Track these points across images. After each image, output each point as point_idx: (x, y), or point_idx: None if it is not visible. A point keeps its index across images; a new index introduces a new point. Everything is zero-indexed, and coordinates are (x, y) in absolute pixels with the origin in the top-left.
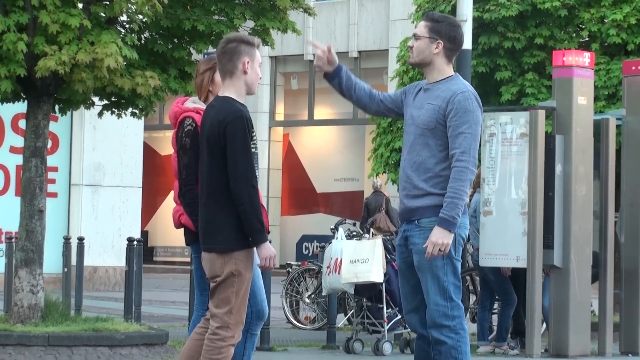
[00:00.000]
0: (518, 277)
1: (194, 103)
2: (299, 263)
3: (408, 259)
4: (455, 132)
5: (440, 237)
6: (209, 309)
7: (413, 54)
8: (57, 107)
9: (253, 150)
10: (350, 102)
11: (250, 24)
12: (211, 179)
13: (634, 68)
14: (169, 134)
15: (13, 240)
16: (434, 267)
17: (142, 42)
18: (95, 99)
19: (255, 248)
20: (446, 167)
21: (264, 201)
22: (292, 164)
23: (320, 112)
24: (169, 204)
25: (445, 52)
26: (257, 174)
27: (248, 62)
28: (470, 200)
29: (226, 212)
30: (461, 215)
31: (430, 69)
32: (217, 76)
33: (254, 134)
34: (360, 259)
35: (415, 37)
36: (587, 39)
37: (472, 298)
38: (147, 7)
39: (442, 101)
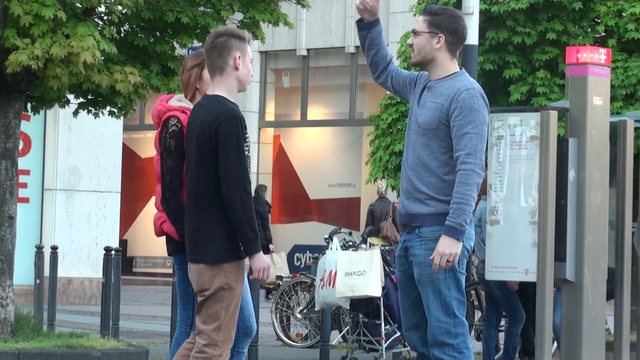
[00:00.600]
0: (526, 291)
1: (180, 101)
2: (290, 275)
3: (408, 272)
4: (460, 132)
5: (447, 247)
6: (196, 325)
7: (414, 52)
8: (29, 105)
9: (246, 153)
10: (366, 59)
11: (238, 16)
12: (200, 184)
13: None
14: (150, 134)
15: None
16: (435, 280)
17: (122, 35)
18: (71, 97)
19: (247, 259)
20: (449, 171)
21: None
22: (283, 168)
23: (314, 112)
24: (149, 211)
25: (448, 46)
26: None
27: (239, 57)
28: (475, 208)
29: (216, 220)
30: (469, 223)
31: (433, 66)
32: (206, 73)
33: (247, 135)
34: (356, 272)
35: (414, 33)
36: (603, 34)
37: (477, 314)
38: None
39: (445, 99)
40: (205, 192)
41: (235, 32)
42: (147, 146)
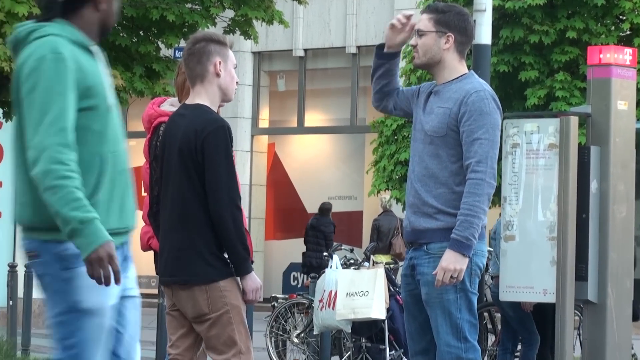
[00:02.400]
0: (544, 313)
1: (172, 106)
2: (286, 296)
3: (415, 292)
4: (469, 138)
5: (452, 262)
6: (214, 358)
7: (418, 53)
8: (1, 111)
9: None
10: (372, 85)
11: (229, 13)
12: (184, 199)
13: None
14: (133, 142)
15: None
16: (445, 301)
17: None
18: None
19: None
20: (461, 181)
21: (245, 223)
22: (278, 179)
23: (312, 118)
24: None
25: (457, 46)
26: None
27: (220, 63)
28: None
29: (202, 238)
30: (477, 238)
31: (440, 68)
32: None
33: (232, 147)
34: (358, 292)
35: (419, 33)
36: (628, 32)
37: (491, 338)
38: None
39: (453, 103)
40: (189, 207)
41: (214, 37)
42: (131, 155)
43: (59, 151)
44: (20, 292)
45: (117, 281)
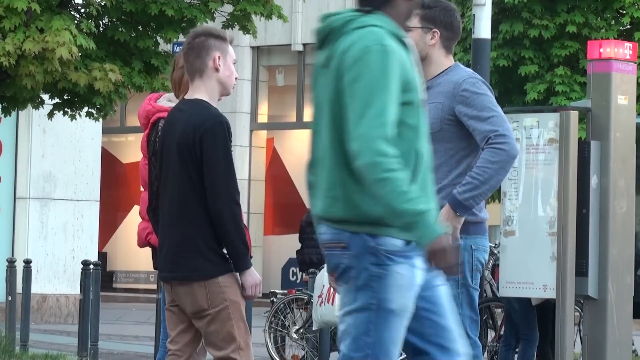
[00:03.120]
0: (545, 309)
1: (170, 101)
2: (285, 292)
3: None
4: (479, 119)
5: (447, 218)
6: (212, 355)
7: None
8: None
9: None
10: None
11: (228, 8)
12: (183, 194)
13: None
14: (132, 138)
15: None
16: None
17: (101, 29)
18: (45, 97)
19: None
20: (461, 172)
21: (244, 218)
22: (277, 174)
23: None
24: (131, 221)
25: (443, 42)
26: None
27: (219, 58)
28: None
29: (200, 233)
30: (478, 203)
31: (426, 64)
32: None
33: (231, 142)
34: None
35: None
36: (629, 26)
37: (491, 334)
38: None
39: (444, 97)
40: (188, 203)
41: (214, 32)
42: (129, 151)
43: (383, 144)
44: (19, 287)
45: (454, 273)
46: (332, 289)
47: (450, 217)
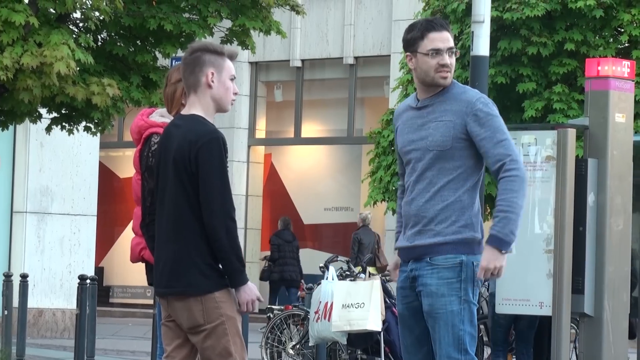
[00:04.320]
0: (541, 326)
1: (162, 117)
2: (282, 307)
3: (413, 304)
4: (491, 142)
5: (492, 260)
6: None
7: (451, 72)
8: None
9: None
10: None
11: (227, 23)
12: (178, 210)
13: None
14: (130, 152)
15: None
16: (449, 313)
17: (99, 43)
18: (43, 111)
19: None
20: (468, 189)
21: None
22: (274, 190)
23: (309, 129)
24: (128, 236)
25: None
26: None
27: (213, 74)
28: None
29: (196, 249)
30: (516, 234)
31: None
32: None
33: (227, 158)
34: (354, 304)
35: (454, 52)
36: (627, 44)
37: (487, 351)
38: (104, 3)
39: (454, 115)
40: (184, 218)
41: (211, 47)
42: (126, 165)
43: None
44: (16, 302)
45: None
46: (328, 305)
47: (497, 258)
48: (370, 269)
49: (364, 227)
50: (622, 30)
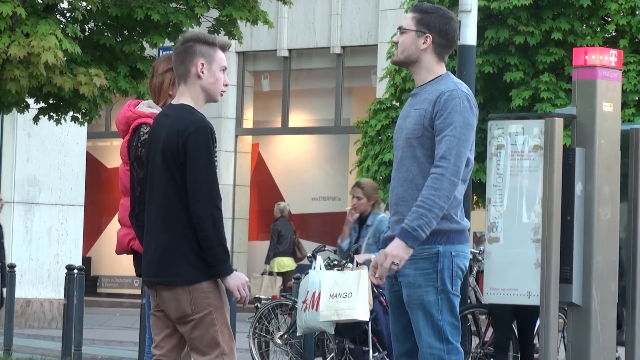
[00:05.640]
0: (524, 315)
1: (150, 107)
2: (270, 297)
3: (399, 293)
4: (439, 136)
5: (395, 249)
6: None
7: (397, 50)
8: None
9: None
10: None
11: (214, 13)
12: (167, 199)
13: None
14: (117, 143)
15: None
16: (426, 303)
17: (86, 34)
18: (30, 101)
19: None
20: None
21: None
22: (262, 180)
23: (296, 119)
24: (116, 227)
25: (435, 48)
26: None
27: (203, 65)
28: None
29: (185, 238)
30: (427, 232)
31: (417, 67)
32: None
33: (215, 147)
34: (342, 293)
35: (401, 30)
36: (614, 33)
37: (475, 340)
38: None
39: (428, 104)
40: (172, 208)
41: (203, 37)
42: (114, 155)
43: None
44: (3, 292)
45: None
46: (316, 295)
47: (401, 248)
48: (285, 260)
49: (282, 218)
50: (609, 19)
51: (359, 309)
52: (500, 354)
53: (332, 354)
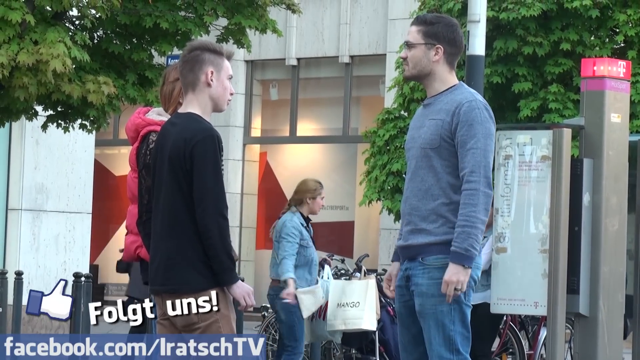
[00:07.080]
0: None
1: (160, 115)
2: None
3: (409, 303)
4: (463, 149)
5: (454, 275)
6: None
7: (408, 65)
8: None
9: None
10: None
11: (223, 22)
12: (174, 207)
13: None
14: (125, 150)
15: None
16: (439, 313)
17: (95, 41)
18: (39, 109)
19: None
20: (456, 191)
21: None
22: (269, 188)
23: (304, 128)
24: (123, 234)
25: (447, 57)
26: None
27: (212, 73)
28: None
29: (191, 246)
30: (477, 249)
31: (430, 80)
32: None
33: (222, 156)
34: (349, 303)
35: (408, 45)
36: (622, 44)
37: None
38: (101, 1)
39: (446, 114)
40: (179, 216)
41: (210, 46)
42: (121, 163)
43: None
44: (10, 299)
45: None
46: (323, 304)
47: (459, 272)
48: None
49: None
50: (618, 30)
51: (367, 319)
52: None
53: None
